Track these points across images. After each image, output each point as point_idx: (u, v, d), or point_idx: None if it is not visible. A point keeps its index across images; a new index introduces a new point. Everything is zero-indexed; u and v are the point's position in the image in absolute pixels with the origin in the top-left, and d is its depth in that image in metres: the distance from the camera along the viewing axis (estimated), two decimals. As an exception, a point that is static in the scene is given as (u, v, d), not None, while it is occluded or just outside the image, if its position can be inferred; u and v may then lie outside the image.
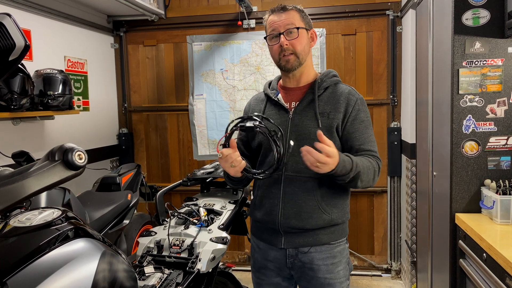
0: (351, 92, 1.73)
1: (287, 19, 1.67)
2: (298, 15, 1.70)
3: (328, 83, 1.74)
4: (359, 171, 1.56)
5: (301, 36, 1.68)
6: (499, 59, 2.10)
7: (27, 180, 1.00)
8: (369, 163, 1.63)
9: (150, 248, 2.05)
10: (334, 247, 1.73)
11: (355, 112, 1.69)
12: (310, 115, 1.70)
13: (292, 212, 1.69)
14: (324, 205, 1.68)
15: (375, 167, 1.65)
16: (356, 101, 1.70)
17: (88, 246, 1.17)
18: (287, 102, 1.76)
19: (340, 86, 1.75)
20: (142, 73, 4.19)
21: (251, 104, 1.91)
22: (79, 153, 1.06)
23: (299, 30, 1.67)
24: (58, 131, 3.27)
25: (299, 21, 1.69)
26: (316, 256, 1.71)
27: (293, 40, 1.67)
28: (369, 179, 1.63)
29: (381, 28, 3.73)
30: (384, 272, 3.91)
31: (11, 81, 2.47)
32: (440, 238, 2.45)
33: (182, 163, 4.20)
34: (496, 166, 2.14)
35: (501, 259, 1.60)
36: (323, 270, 1.71)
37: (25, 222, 1.18)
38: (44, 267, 1.06)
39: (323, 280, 1.72)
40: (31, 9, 3.00)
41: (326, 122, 1.68)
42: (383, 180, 3.83)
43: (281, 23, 1.68)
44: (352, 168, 1.53)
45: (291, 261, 1.75)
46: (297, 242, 1.72)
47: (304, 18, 1.72)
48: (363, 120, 1.71)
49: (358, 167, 1.56)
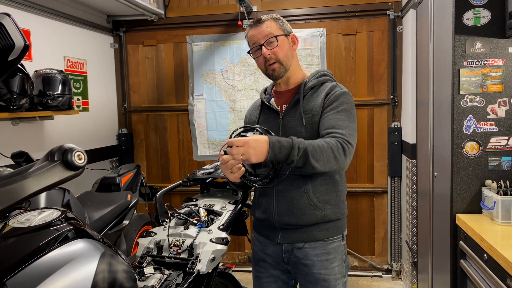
0: (333, 87, 1.74)
1: (265, 30, 1.73)
2: (275, 23, 1.75)
3: (314, 83, 1.78)
4: (305, 148, 1.49)
5: (281, 43, 1.74)
6: (500, 59, 2.10)
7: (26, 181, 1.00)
8: (322, 141, 1.54)
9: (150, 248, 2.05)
10: (328, 244, 1.75)
11: (329, 102, 1.69)
12: (296, 114, 1.74)
13: (285, 209, 1.73)
14: (316, 201, 1.71)
15: (332, 145, 1.54)
16: (334, 93, 1.71)
17: (87, 247, 1.16)
18: (279, 105, 1.82)
19: (325, 84, 1.78)
20: (142, 73, 4.18)
21: (250, 110, 2.02)
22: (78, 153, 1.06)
23: (278, 38, 1.73)
24: (57, 131, 3.27)
25: (276, 30, 1.74)
26: (311, 252, 1.74)
27: (274, 48, 1.73)
28: (328, 157, 1.52)
29: (382, 28, 3.72)
30: (385, 273, 3.90)
31: (10, 81, 2.47)
32: (440, 239, 2.45)
33: (182, 163, 4.19)
34: (497, 167, 2.14)
35: (502, 259, 1.59)
36: (317, 265, 1.74)
37: (24, 223, 1.17)
38: (44, 267, 1.05)
39: (318, 276, 1.74)
40: (30, 9, 2.99)
41: (310, 119, 1.71)
42: (383, 180, 3.83)
43: (260, 35, 1.74)
44: (293, 146, 1.48)
45: (287, 256, 1.78)
46: (292, 238, 1.76)
47: (281, 25, 1.77)
48: (336, 109, 1.67)
49: (302, 144, 1.49)
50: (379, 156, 3.82)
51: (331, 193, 1.74)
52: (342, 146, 1.56)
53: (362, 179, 3.88)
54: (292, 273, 1.83)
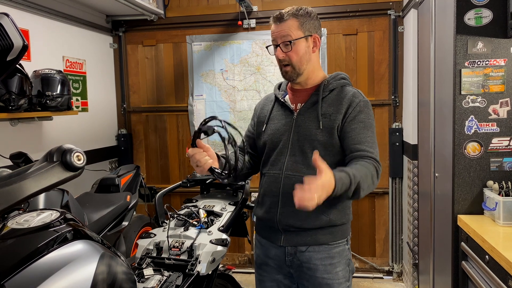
0: (355, 94, 1.71)
1: (283, 30, 1.66)
2: (297, 23, 1.66)
3: (334, 85, 1.74)
4: (359, 181, 1.49)
5: (297, 48, 1.67)
6: (501, 59, 2.09)
7: (25, 182, 1.01)
8: (365, 168, 1.55)
9: (149, 250, 2.04)
10: (332, 248, 1.73)
11: (355, 113, 1.67)
12: (312, 116, 1.70)
13: (290, 211, 1.69)
14: (323, 205, 1.65)
15: (372, 171, 1.56)
16: (358, 103, 1.68)
17: (86, 248, 1.16)
18: (294, 103, 1.78)
19: (346, 89, 1.74)
20: (141, 73, 4.17)
21: (261, 103, 1.94)
22: (77, 154, 1.06)
23: (294, 42, 1.66)
24: (56, 132, 3.26)
25: (296, 31, 1.66)
26: (314, 255, 1.72)
27: (289, 52, 1.67)
28: (369, 185, 1.54)
29: (383, 28, 3.72)
30: (386, 275, 3.89)
31: (9, 82, 2.46)
32: (442, 240, 2.44)
33: (182, 164, 4.18)
34: (499, 167, 2.13)
35: (504, 261, 1.58)
36: (321, 270, 1.72)
37: (23, 224, 1.18)
38: (42, 269, 1.05)
39: (321, 280, 1.72)
40: (29, 9, 2.98)
41: (328, 123, 1.67)
42: (384, 181, 3.82)
43: (278, 34, 1.68)
44: (352, 181, 1.47)
45: (290, 259, 1.76)
46: (295, 241, 1.73)
47: (303, 24, 1.67)
48: (362, 121, 1.66)
49: (356, 177, 1.49)
50: (380, 157, 3.78)
51: (338, 198, 1.70)
52: (377, 171, 1.60)
53: (363, 180, 3.86)
54: (295, 276, 1.80)
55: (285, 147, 1.73)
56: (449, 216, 2.24)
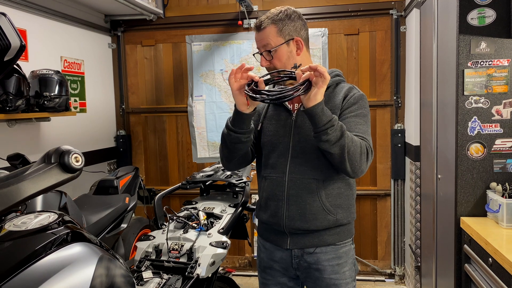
0: (350, 89, 1.73)
1: (263, 39, 1.66)
2: (275, 29, 1.64)
3: (330, 83, 1.72)
4: (344, 131, 1.49)
5: (279, 54, 1.65)
6: (505, 59, 2.08)
7: (22, 183, 1.00)
8: (356, 137, 1.56)
9: (148, 252, 2.04)
10: (339, 248, 1.75)
11: (349, 104, 1.68)
12: None
13: (297, 214, 1.69)
14: (329, 206, 1.69)
15: (362, 146, 1.55)
16: (353, 95, 1.69)
17: (85, 251, 1.16)
18: (291, 103, 1.77)
19: (341, 85, 1.75)
20: (140, 73, 4.15)
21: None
22: (75, 155, 1.06)
23: (274, 51, 1.64)
24: (54, 133, 3.24)
25: (275, 38, 1.64)
26: (322, 256, 1.72)
27: (272, 60, 1.67)
28: (356, 153, 1.53)
29: (385, 27, 3.71)
30: (388, 277, 3.87)
31: (6, 82, 2.45)
32: (444, 243, 2.43)
33: (181, 165, 4.16)
34: (502, 169, 2.11)
35: (507, 263, 1.57)
36: (328, 270, 1.72)
37: (20, 226, 1.17)
38: (40, 272, 1.04)
39: (329, 281, 1.73)
40: (26, 9, 2.96)
41: None
42: (386, 183, 3.80)
43: (259, 44, 1.68)
44: (333, 119, 1.47)
45: (297, 261, 1.75)
46: (302, 243, 1.73)
47: (283, 29, 1.65)
48: (355, 112, 1.66)
49: (343, 127, 1.50)
50: (382, 158, 3.80)
51: (343, 197, 1.74)
52: (366, 150, 1.59)
53: (365, 182, 3.85)
54: (301, 278, 1.80)
55: (286, 150, 1.71)
56: (451, 218, 2.23)
